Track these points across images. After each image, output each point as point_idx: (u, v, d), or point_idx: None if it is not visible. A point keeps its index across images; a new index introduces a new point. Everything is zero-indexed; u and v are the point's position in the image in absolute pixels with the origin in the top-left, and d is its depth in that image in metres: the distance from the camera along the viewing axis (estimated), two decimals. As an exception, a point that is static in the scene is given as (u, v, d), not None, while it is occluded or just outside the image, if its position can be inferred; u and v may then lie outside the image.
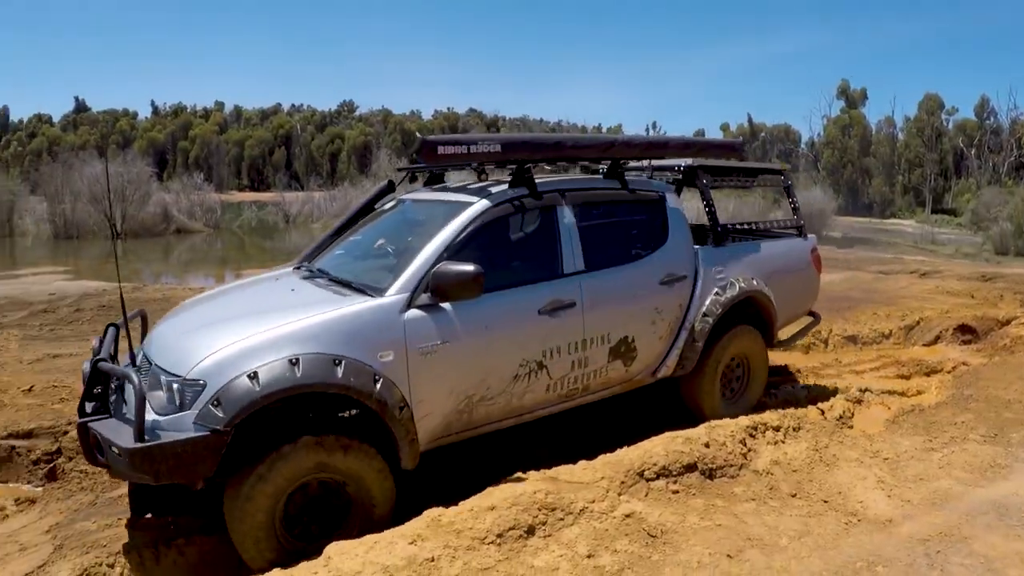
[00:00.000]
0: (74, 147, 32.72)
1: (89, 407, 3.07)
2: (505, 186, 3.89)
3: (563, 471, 3.24)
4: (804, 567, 2.74)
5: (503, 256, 3.80)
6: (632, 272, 4.16)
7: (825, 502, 3.30)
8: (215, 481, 2.91)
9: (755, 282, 4.77)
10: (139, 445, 2.69)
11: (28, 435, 4.75)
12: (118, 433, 2.85)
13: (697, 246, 4.61)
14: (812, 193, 30.18)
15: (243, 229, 28.70)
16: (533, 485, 2.98)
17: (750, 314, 4.84)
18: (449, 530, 2.69)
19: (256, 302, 3.70)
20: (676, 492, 3.25)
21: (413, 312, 3.22)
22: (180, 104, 40.20)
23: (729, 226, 5.10)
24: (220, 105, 41.35)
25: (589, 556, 2.66)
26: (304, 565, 2.66)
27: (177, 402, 2.83)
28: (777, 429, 3.95)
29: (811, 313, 5.65)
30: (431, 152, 3.54)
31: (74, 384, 5.93)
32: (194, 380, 2.83)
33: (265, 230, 29.08)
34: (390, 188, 4.65)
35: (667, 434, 3.67)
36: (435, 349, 3.24)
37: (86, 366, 3.17)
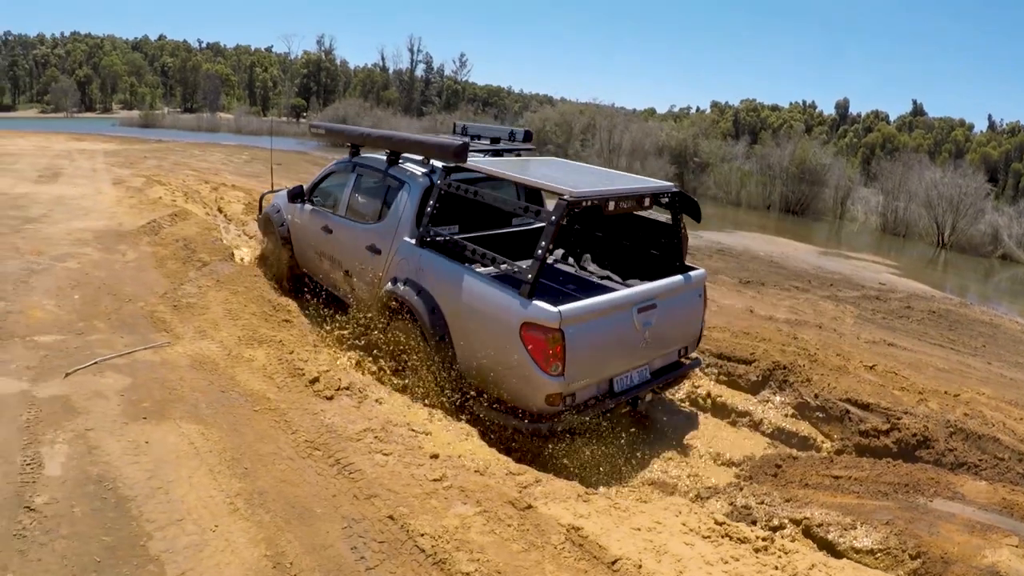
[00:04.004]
0: (907, 148, 34.30)
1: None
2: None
3: None
4: None
5: (329, 191, 6.61)
6: (355, 229, 5.94)
7: None
8: None
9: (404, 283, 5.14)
10: None
11: (865, 407, 5.36)
12: None
13: (411, 240, 5.28)
14: None
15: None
16: None
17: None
18: None
19: None
20: None
21: (295, 204, 6.81)
22: (1018, 122, 36.39)
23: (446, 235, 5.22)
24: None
25: None
26: None
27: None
28: None
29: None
30: (313, 130, 7.01)
31: (911, 377, 6.28)
32: None
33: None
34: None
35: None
36: (292, 221, 6.95)
37: None
